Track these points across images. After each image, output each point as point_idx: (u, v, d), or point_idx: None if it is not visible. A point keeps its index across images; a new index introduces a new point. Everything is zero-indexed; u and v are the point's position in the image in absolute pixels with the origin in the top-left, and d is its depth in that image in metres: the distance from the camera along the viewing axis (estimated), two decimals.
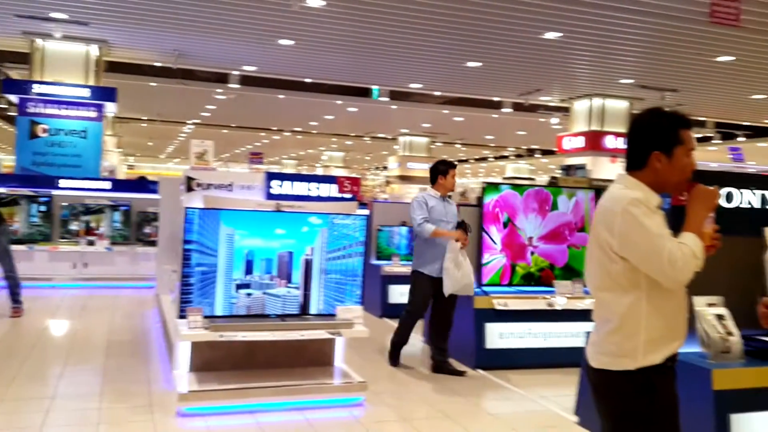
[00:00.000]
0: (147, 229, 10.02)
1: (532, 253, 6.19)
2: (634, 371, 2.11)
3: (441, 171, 5.69)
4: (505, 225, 6.11)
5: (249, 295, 4.55)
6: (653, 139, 2.17)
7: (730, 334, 3.63)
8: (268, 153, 33.75)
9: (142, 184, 11.07)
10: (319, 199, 5.36)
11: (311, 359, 4.94)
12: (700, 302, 3.69)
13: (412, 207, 5.56)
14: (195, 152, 5.95)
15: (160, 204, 7.95)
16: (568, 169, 15.74)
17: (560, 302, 5.99)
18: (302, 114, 20.97)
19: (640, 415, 2.12)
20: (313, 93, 16.23)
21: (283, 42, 11.43)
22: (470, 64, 12.52)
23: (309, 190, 5.51)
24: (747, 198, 4.13)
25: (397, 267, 8.38)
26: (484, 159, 35.61)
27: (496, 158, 34.51)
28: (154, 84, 15.32)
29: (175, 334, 4.70)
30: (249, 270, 4.54)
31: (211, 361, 4.67)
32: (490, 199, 6.07)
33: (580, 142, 15.68)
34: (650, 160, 2.17)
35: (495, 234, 6.09)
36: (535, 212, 6.17)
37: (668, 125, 2.17)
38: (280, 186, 5.36)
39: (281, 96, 16.73)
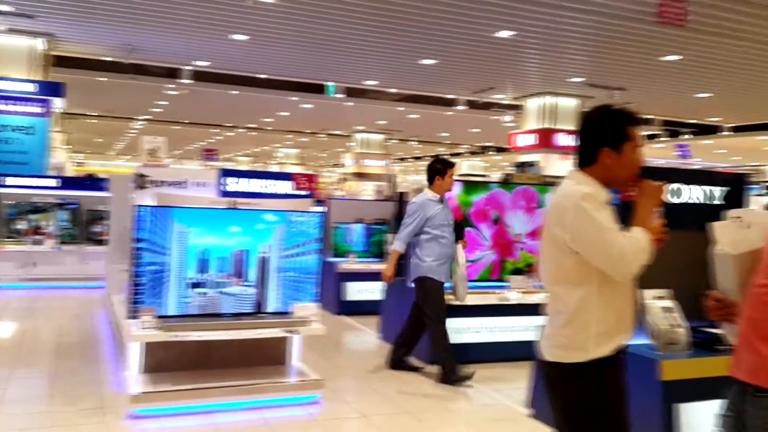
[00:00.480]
0: (96, 228, 9.78)
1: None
2: (586, 363, 2.17)
3: (438, 171, 5.36)
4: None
5: (203, 294, 4.49)
6: (602, 136, 2.23)
7: (677, 326, 3.75)
8: (221, 150, 33.27)
9: (91, 182, 10.80)
10: (274, 196, 5.31)
11: (267, 358, 4.90)
12: (648, 295, 3.80)
13: (407, 212, 5.38)
14: (147, 149, 5.84)
15: (110, 202, 7.77)
16: (521, 166, 15.98)
17: (513, 297, 6.09)
18: (256, 110, 20.75)
19: (591, 406, 2.17)
20: (267, 89, 16.06)
21: (236, 37, 11.29)
22: (425, 61, 12.58)
23: (264, 187, 5.45)
24: (693, 194, 4.27)
25: (354, 264, 8.38)
26: (438, 156, 35.88)
27: (451, 155, 34.79)
28: (104, 79, 14.93)
29: (126, 334, 4.60)
30: (203, 268, 4.48)
31: (164, 361, 4.59)
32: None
33: (532, 139, 15.93)
34: (600, 156, 2.22)
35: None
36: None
37: (617, 122, 2.23)
38: (235, 183, 5.30)
39: (235, 92, 16.51)
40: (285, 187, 5.54)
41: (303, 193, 5.53)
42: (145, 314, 4.26)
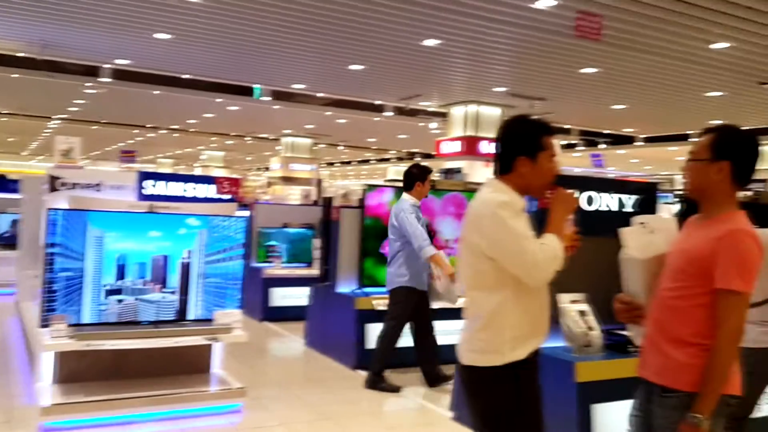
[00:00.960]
0: (7, 232, 9.29)
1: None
2: (501, 367, 2.22)
3: (418, 176, 5.31)
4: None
5: (120, 301, 4.33)
6: (519, 146, 2.30)
7: (591, 329, 3.88)
8: (142, 151, 32.24)
9: (1, 183, 10.26)
10: (196, 200, 5.20)
11: (188, 366, 4.78)
12: (564, 299, 3.93)
13: (407, 220, 5.14)
14: (60, 149, 5.60)
15: (22, 204, 7.40)
16: (447, 173, 16.23)
17: (438, 302, 6.15)
18: (180, 111, 20.23)
19: (508, 408, 2.23)
20: (191, 90, 15.68)
21: (159, 36, 10.97)
22: (353, 67, 12.61)
23: (185, 190, 5.32)
24: (606, 201, 4.45)
25: (279, 270, 8.29)
26: (366, 161, 35.97)
27: (379, 161, 34.98)
28: (16, 75, 14.22)
29: (38, 344, 4.39)
30: (121, 275, 4.32)
31: (78, 371, 4.40)
32: None
33: (457, 146, 16.21)
34: (516, 165, 2.29)
35: None
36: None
37: (533, 132, 2.31)
38: (154, 186, 5.15)
39: (157, 92, 16.05)
40: (207, 190, 5.43)
41: (226, 197, 5.43)
42: (58, 322, 4.08)
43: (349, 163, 37.31)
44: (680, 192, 2.37)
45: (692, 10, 8.37)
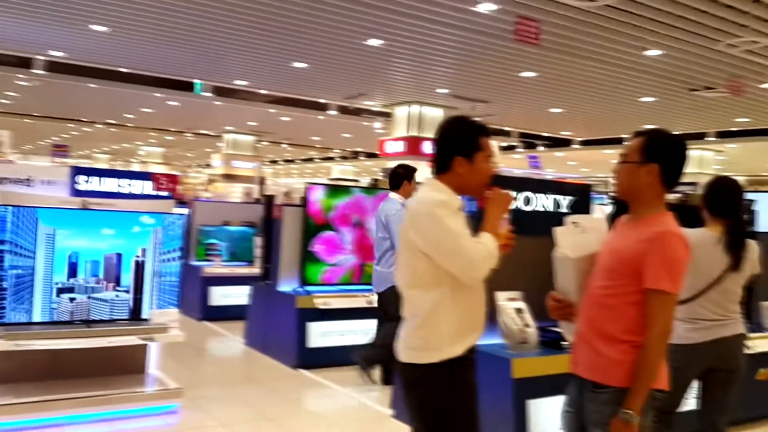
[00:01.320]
0: None
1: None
2: (438, 363, 2.25)
3: (405, 176, 5.32)
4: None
5: (72, 300, 4.20)
6: (456, 146, 2.34)
7: (527, 326, 3.98)
8: (77, 146, 31.24)
9: None
10: (132, 196, 5.08)
11: (123, 367, 4.66)
12: (501, 297, 4.01)
13: (397, 220, 5.00)
14: None
15: None
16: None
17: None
18: (117, 105, 19.66)
19: (444, 404, 2.26)
20: (129, 84, 15.28)
21: (95, 27, 10.65)
22: (296, 64, 12.54)
23: (120, 186, 5.19)
24: (542, 202, 4.57)
25: (219, 268, 8.17)
26: (310, 160, 35.80)
27: (323, 159, 34.86)
28: None
29: None
30: (73, 273, 4.20)
31: (7, 372, 4.24)
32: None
33: (400, 146, 16.32)
34: (453, 164, 2.33)
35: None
36: (359, 214, 6.35)
37: (469, 133, 2.35)
38: (87, 182, 5.00)
39: (93, 85, 15.57)
40: (143, 187, 5.30)
41: (163, 193, 5.32)
42: None
43: (293, 161, 37.03)
44: (613, 193, 2.44)
45: (627, 17, 8.67)
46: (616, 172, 2.39)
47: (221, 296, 7.99)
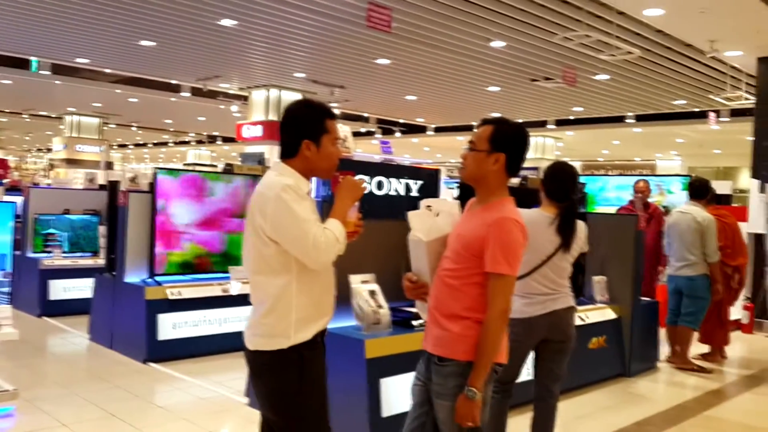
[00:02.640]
0: None
1: (189, 240, 6.07)
2: (287, 349, 2.25)
3: None
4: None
5: None
6: (303, 129, 2.33)
7: (380, 307, 4.08)
8: None
9: None
10: None
11: None
12: (355, 280, 4.08)
13: None
14: None
15: None
16: (247, 158, 15.99)
17: (235, 288, 6.08)
18: None
19: (293, 388, 2.26)
20: None
21: None
22: (144, 42, 11.89)
23: None
24: (395, 186, 4.69)
25: (59, 260, 7.62)
26: (164, 144, 34.20)
27: (177, 143, 33.43)
28: None
29: None
30: None
31: None
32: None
33: (258, 130, 16.03)
34: (301, 148, 2.32)
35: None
36: (191, 198, 6.06)
37: (315, 116, 2.35)
38: None
39: None
40: None
41: None
42: None
43: (144, 145, 35.18)
44: (459, 178, 2.56)
45: (472, 8, 9.06)
46: (463, 158, 2.50)
47: (62, 290, 7.47)
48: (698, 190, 6.24)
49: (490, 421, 3.40)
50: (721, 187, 8.70)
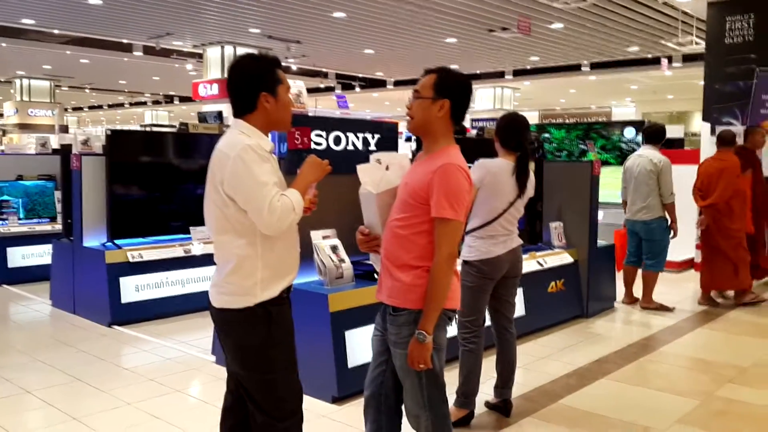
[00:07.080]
0: None
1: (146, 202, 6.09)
2: (254, 306, 2.26)
3: None
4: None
5: None
6: (258, 82, 2.29)
7: (342, 261, 4.13)
8: None
9: None
10: None
11: None
12: (317, 236, 4.11)
13: None
14: None
15: None
16: (204, 117, 15.69)
17: (197, 249, 6.06)
18: None
19: (261, 344, 2.28)
20: None
21: None
22: (90, 1, 11.47)
23: None
24: (352, 140, 4.68)
25: (15, 227, 7.48)
26: (120, 105, 33.31)
27: (133, 105, 32.59)
28: None
29: None
30: None
31: None
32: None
33: (215, 89, 15.71)
34: (259, 101, 2.29)
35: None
36: (147, 159, 6.07)
37: (268, 67, 2.32)
38: None
39: None
40: None
41: None
42: None
43: (100, 107, 34.22)
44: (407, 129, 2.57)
45: None
46: (409, 107, 2.51)
47: (20, 257, 7.36)
48: (653, 134, 6.37)
49: (473, 367, 3.55)
50: (673, 131, 8.86)
